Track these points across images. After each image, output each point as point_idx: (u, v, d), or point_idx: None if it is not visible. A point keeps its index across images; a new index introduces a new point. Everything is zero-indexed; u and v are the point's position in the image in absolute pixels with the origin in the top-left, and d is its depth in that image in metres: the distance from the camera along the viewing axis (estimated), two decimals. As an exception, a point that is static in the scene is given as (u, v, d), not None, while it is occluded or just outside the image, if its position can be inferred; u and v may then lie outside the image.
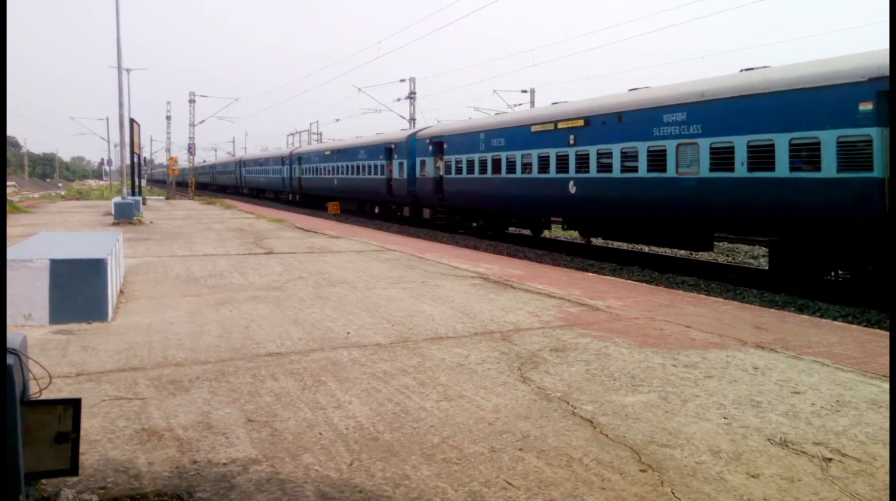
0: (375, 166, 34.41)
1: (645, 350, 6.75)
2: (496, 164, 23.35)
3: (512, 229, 26.33)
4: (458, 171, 26.25)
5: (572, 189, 19.29)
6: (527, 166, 21.70)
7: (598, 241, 22.28)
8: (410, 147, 30.69)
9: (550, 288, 10.64)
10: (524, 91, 48.26)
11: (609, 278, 13.48)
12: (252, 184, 67.31)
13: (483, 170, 24.27)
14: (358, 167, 36.92)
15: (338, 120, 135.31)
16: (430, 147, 28.53)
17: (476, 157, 24.76)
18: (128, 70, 40.94)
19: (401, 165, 31.44)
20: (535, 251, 20.17)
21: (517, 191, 22.29)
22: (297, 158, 50.27)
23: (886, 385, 5.62)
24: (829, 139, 12.43)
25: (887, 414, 4.91)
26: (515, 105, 44.57)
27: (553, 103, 22.74)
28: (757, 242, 20.84)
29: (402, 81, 49.94)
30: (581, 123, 19.19)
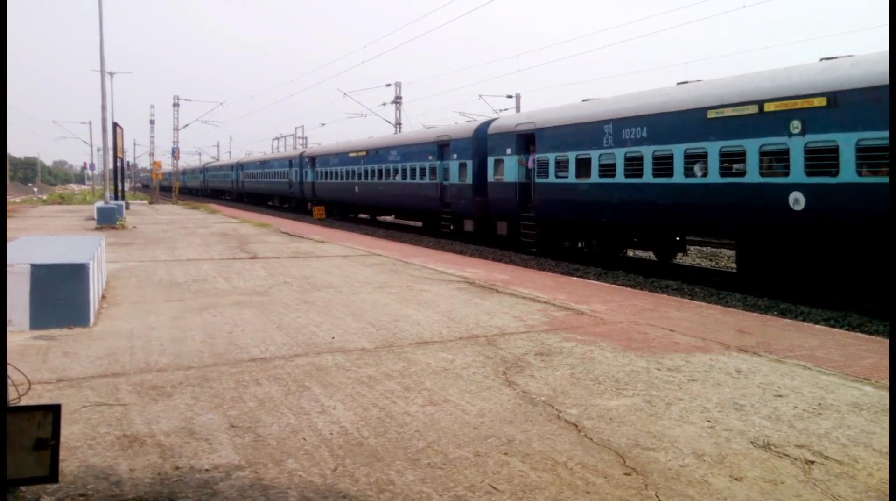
0: (423, 169, 27.64)
1: (629, 354, 6.77)
2: (633, 163, 16.82)
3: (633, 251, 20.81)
4: (560, 173, 19.41)
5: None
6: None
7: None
8: (478, 143, 23.99)
9: (536, 292, 10.66)
10: (510, 96, 48.39)
11: (594, 282, 13.52)
12: (252, 189, 59.87)
13: (608, 173, 17.63)
14: (395, 170, 30.34)
15: (323, 124, 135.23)
16: (514, 142, 21.68)
17: (594, 154, 18.05)
18: (111, 74, 40.65)
19: (461, 166, 24.84)
20: (521, 256, 20.20)
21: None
22: (311, 160, 43.17)
23: (868, 388, 5.67)
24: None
25: (869, 417, 4.95)
26: (502, 110, 44.64)
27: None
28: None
29: (388, 85, 49.96)
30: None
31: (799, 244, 13.28)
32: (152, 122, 68.99)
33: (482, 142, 23.71)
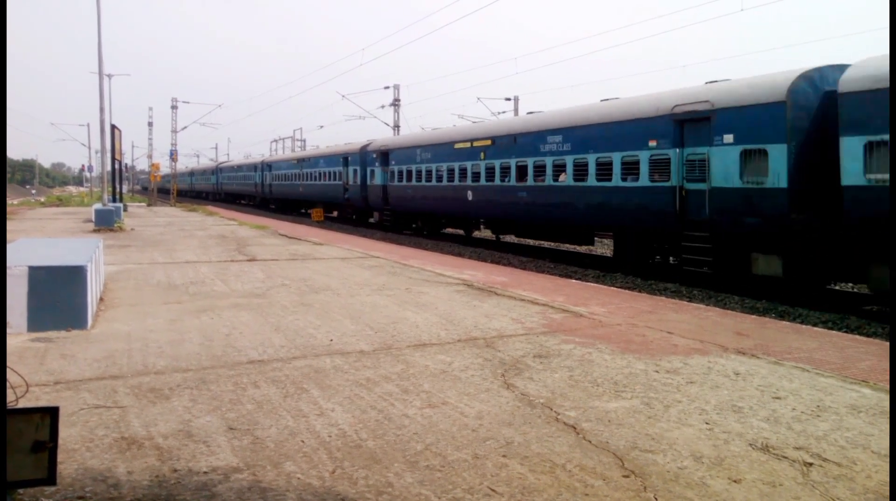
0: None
1: (628, 356, 6.78)
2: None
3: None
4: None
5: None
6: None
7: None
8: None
9: (534, 295, 10.66)
10: (508, 99, 48.47)
11: (592, 284, 13.53)
12: (286, 194, 48.71)
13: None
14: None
15: (322, 127, 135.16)
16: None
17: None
18: (109, 76, 40.69)
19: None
20: (520, 258, 20.20)
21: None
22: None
23: (866, 390, 5.67)
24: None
25: (867, 419, 4.96)
26: (500, 112, 44.78)
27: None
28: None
29: (387, 87, 49.96)
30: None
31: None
32: (150, 124, 68.98)
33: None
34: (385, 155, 30.97)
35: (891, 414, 4.78)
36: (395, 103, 50.09)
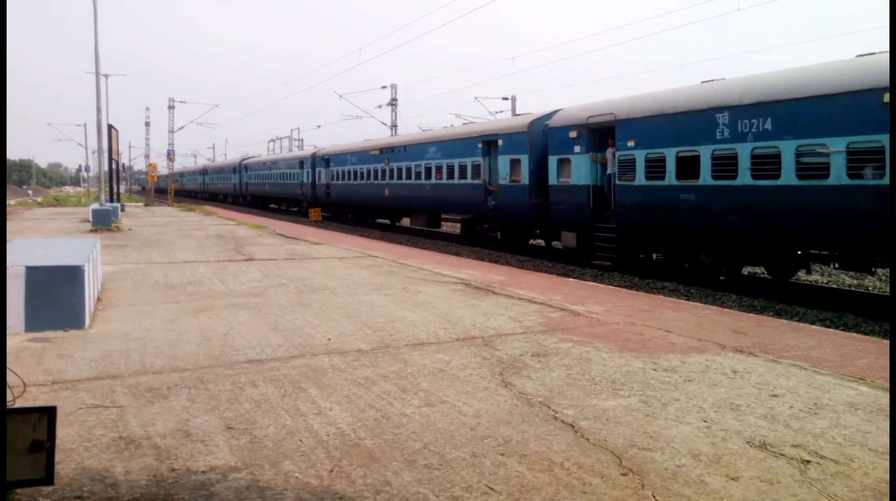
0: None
1: (625, 355, 6.78)
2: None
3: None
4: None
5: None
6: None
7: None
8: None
9: (532, 294, 10.67)
10: (505, 99, 48.50)
11: (590, 283, 13.54)
12: (350, 198, 39.45)
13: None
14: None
15: (319, 126, 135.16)
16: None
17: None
18: (106, 76, 40.61)
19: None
20: (517, 257, 20.22)
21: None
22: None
23: (864, 388, 5.69)
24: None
25: (864, 416, 4.97)
26: (497, 112, 44.80)
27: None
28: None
29: (384, 87, 49.97)
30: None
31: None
32: (147, 124, 68.93)
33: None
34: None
35: (891, 413, 4.80)
36: (393, 103, 50.09)
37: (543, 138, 19.96)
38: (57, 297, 7.63)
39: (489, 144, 23.17)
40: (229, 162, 70.17)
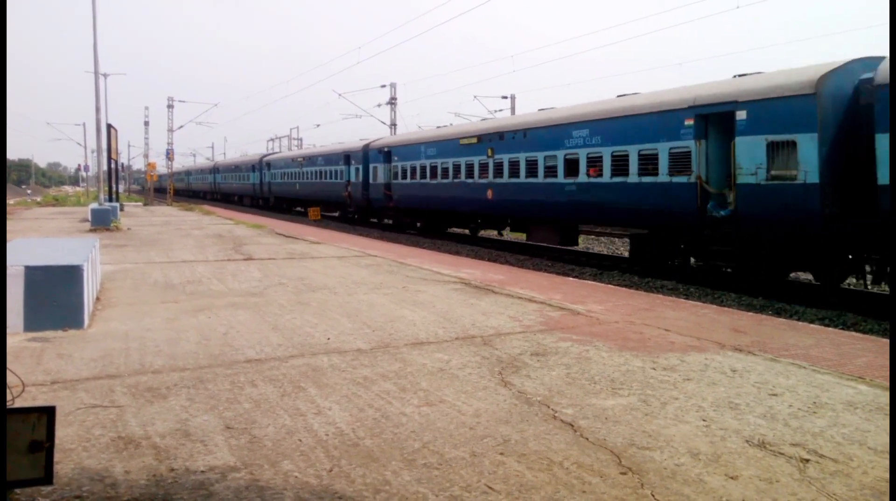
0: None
1: (625, 354, 6.78)
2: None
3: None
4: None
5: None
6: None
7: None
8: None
9: (531, 293, 10.67)
10: (504, 97, 48.49)
11: (590, 282, 13.54)
12: (415, 202, 33.70)
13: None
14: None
15: (318, 125, 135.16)
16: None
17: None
18: (105, 75, 40.60)
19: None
20: (517, 257, 20.23)
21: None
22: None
23: (863, 387, 5.69)
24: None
25: (863, 415, 4.97)
26: (496, 111, 44.79)
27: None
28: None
29: (383, 86, 49.91)
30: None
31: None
32: (147, 123, 68.90)
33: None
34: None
35: (890, 412, 4.80)
36: (392, 102, 50.05)
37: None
38: (56, 297, 7.63)
39: (710, 119, 14.22)
40: (247, 159, 61.78)
